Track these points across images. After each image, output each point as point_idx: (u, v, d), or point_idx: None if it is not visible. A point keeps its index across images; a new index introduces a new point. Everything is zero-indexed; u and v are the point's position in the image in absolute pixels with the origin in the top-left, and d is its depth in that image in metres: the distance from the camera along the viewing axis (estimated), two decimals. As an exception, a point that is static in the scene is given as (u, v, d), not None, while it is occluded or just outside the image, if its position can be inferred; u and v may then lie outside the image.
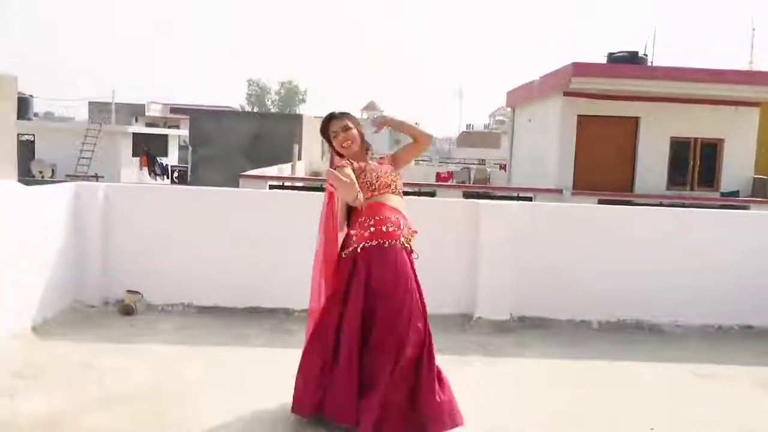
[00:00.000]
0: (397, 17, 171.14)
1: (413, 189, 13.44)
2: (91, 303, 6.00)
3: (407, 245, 3.73)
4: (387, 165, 3.89)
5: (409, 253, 3.74)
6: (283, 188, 12.86)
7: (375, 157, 4.06)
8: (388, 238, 3.63)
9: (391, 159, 3.98)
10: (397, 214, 3.73)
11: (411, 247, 3.77)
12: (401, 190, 3.87)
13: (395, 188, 3.79)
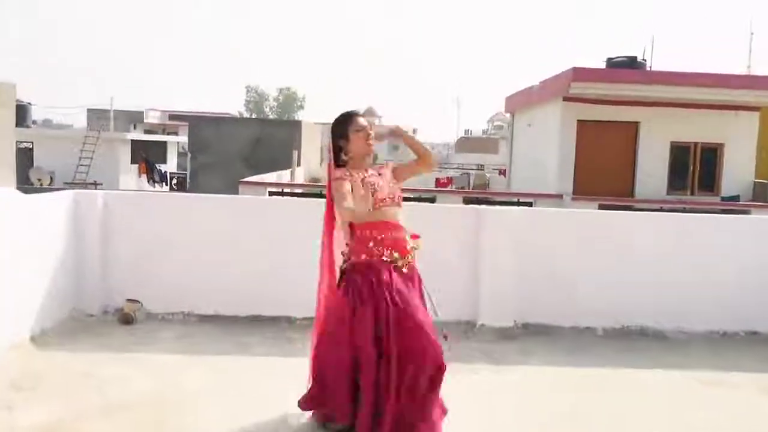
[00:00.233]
0: (396, 22, 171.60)
1: (413, 195, 13.41)
2: (90, 312, 5.95)
3: (409, 262, 3.64)
4: (387, 175, 3.77)
5: (413, 271, 3.67)
6: (283, 194, 12.80)
7: (375, 164, 3.95)
8: (389, 257, 3.55)
9: (392, 170, 3.84)
10: (393, 231, 3.61)
11: (413, 264, 3.68)
12: (400, 200, 3.75)
13: (393, 201, 3.67)
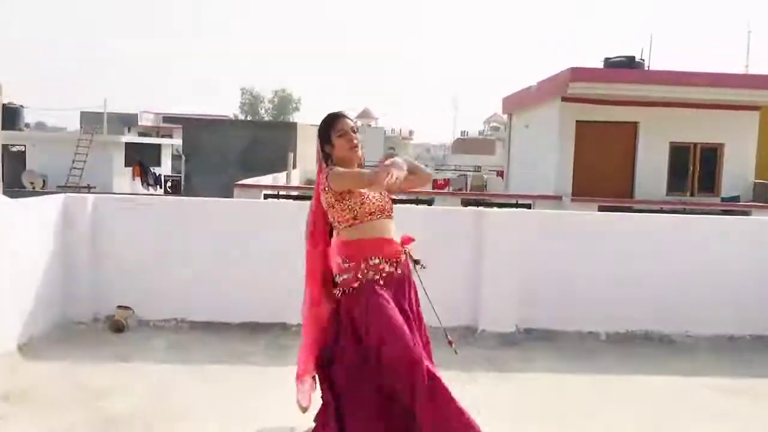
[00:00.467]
0: (392, 22, 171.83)
1: (410, 197, 13.26)
2: (80, 320, 5.82)
3: (407, 268, 3.41)
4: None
5: (409, 278, 3.44)
6: (279, 197, 12.65)
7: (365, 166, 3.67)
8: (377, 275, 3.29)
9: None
10: (382, 245, 3.34)
11: (409, 270, 3.44)
12: (390, 212, 3.43)
13: (383, 213, 3.38)
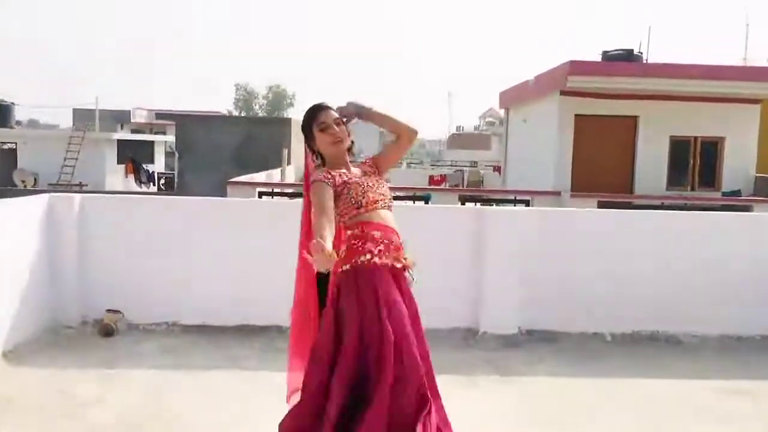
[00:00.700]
0: (388, 17, 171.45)
1: (407, 194, 13.07)
2: (67, 324, 5.65)
3: (405, 269, 3.17)
4: (372, 174, 3.29)
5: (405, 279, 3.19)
6: (273, 194, 12.44)
7: (357, 159, 3.48)
8: (386, 256, 3.08)
9: (373, 163, 3.37)
10: (390, 234, 3.14)
11: (409, 273, 3.20)
12: (391, 202, 3.25)
13: (385, 202, 3.21)
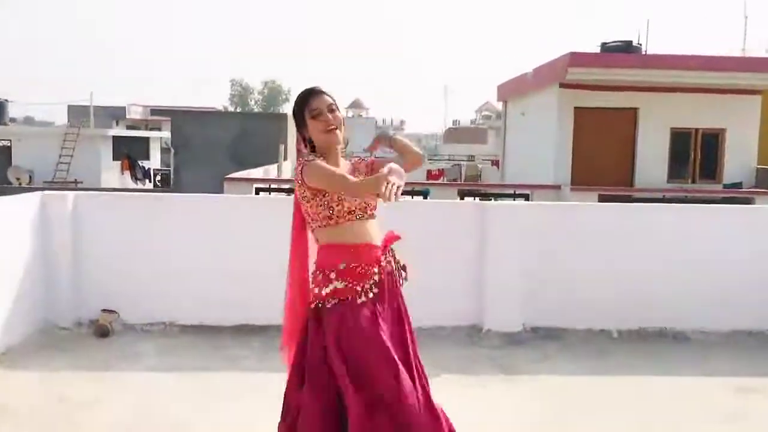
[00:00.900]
0: (383, 12, 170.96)
1: (405, 189, 12.89)
2: (61, 325, 5.52)
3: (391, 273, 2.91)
4: (366, 175, 3.00)
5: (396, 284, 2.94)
6: (270, 190, 12.29)
7: (348, 155, 3.19)
8: (359, 286, 2.77)
9: (370, 168, 3.06)
10: (370, 254, 2.85)
11: (398, 277, 2.95)
12: (374, 210, 2.93)
13: (367, 211, 2.89)
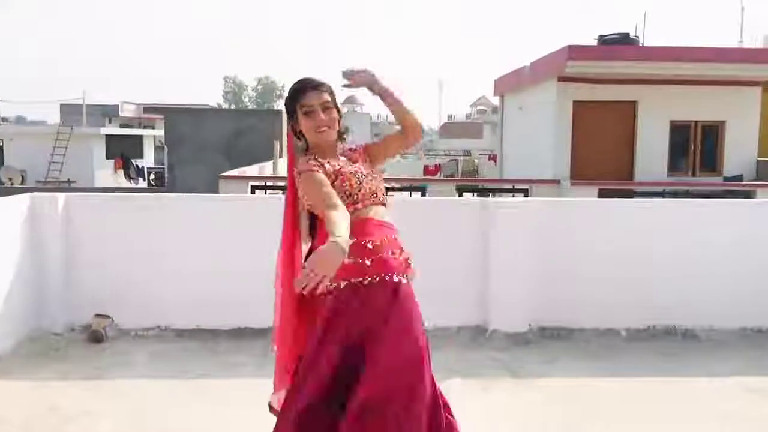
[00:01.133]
0: (377, 5, 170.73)
1: (403, 185, 12.76)
2: (53, 330, 5.35)
3: (407, 277, 2.74)
4: (363, 162, 2.84)
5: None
6: (266, 188, 12.10)
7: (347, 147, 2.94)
8: (390, 271, 2.63)
9: (365, 152, 2.90)
10: (390, 232, 2.72)
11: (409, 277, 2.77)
12: (385, 199, 2.80)
13: (381, 196, 2.76)
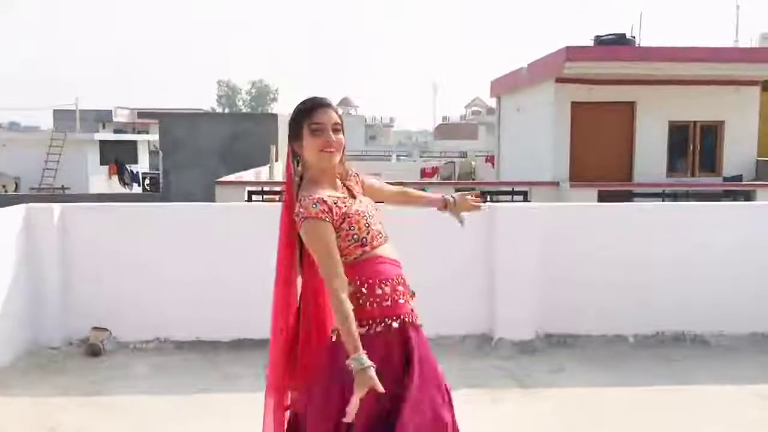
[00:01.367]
0: (371, 7, 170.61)
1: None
2: (51, 344, 5.25)
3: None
4: (362, 194, 2.64)
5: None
6: (263, 194, 12.00)
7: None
8: (401, 314, 2.45)
9: (362, 184, 2.70)
10: (398, 270, 2.53)
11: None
12: (386, 234, 2.59)
13: (385, 234, 2.57)
